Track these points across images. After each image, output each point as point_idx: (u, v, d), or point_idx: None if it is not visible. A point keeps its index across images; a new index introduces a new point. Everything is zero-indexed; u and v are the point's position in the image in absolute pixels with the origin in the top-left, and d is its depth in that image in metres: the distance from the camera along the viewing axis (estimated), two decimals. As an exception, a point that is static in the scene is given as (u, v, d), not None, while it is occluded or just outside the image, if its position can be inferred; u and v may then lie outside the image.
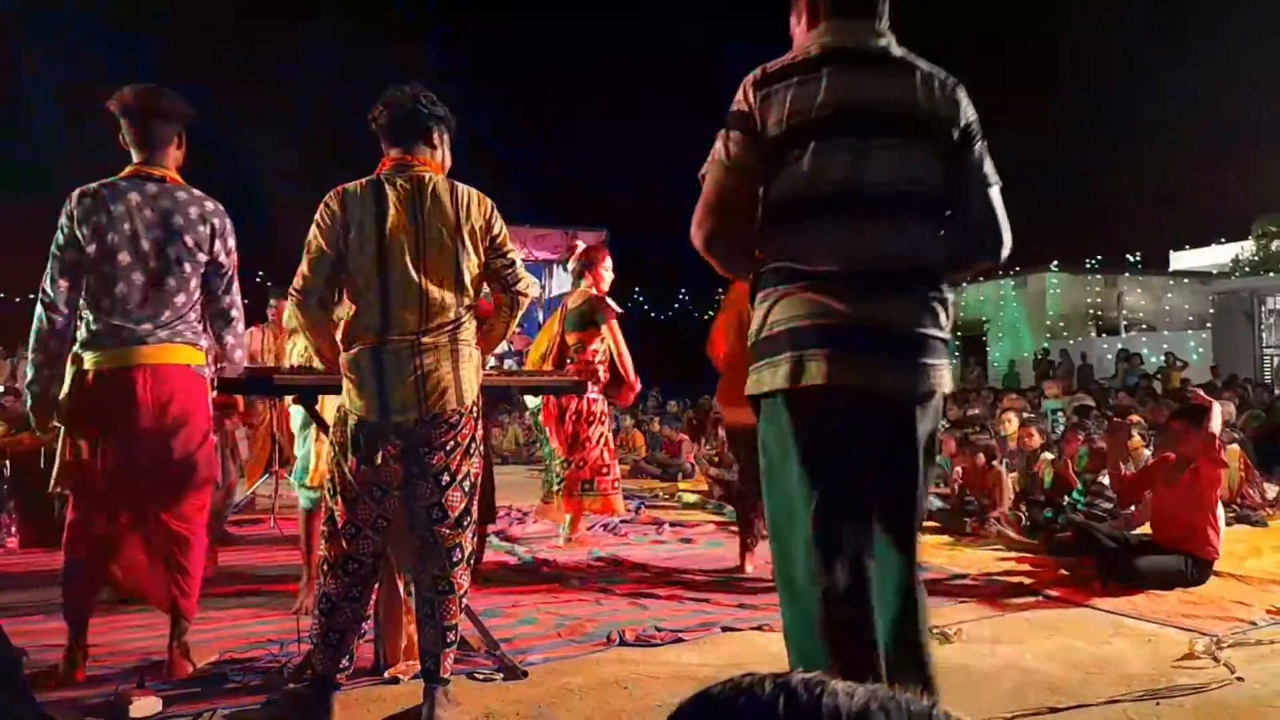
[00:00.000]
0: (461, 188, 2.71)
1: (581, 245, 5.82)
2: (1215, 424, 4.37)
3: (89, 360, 2.90)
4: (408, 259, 2.59)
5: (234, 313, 3.14)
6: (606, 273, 5.46)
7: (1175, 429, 4.61)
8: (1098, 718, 2.65)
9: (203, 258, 3.02)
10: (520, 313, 2.89)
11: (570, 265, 5.56)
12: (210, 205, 3.06)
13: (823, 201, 1.89)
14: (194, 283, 3.01)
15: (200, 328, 3.05)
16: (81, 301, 2.93)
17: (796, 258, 1.91)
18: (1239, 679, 2.92)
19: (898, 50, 2.00)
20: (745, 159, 1.93)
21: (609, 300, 5.33)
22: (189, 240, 2.97)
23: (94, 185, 2.94)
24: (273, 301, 6.78)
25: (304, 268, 2.65)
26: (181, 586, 3.02)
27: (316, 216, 2.64)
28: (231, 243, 3.11)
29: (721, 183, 1.95)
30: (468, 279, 2.67)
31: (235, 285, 3.14)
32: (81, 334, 2.94)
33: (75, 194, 2.92)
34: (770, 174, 1.94)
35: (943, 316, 1.96)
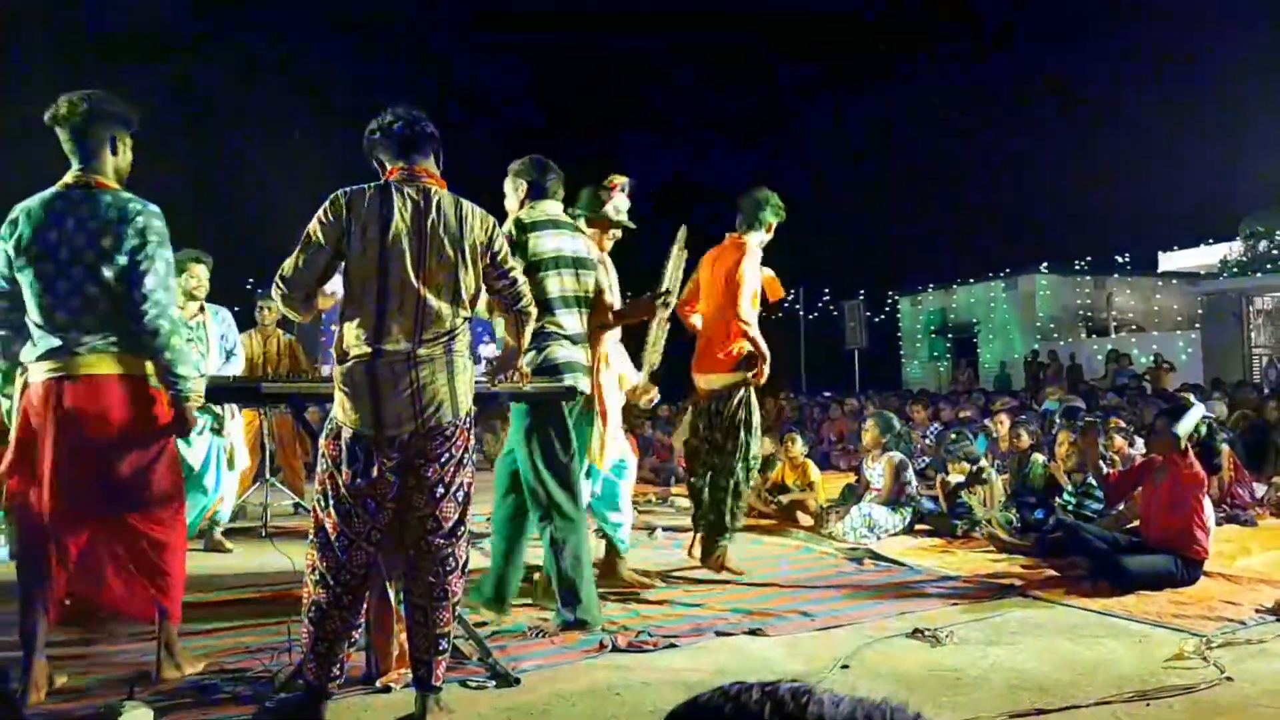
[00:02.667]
0: (466, 203, 2.74)
1: None
2: (1182, 426, 4.36)
3: (32, 372, 2.87)
4: (408, 266, 2.59)
5: (159, 320, 2.88)
6: None
7: (1155, 429, 4.63)
8: (1088, 719, 2.67)
9: (123, 260, 2.86)
10: (530, 326, 2.97)
11: None
12: (135, 205, 2.91)
13: (564, 300, 3.76)
14: (118, 289, 2.87)
15: (141, 336, 2.90)
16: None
17: (559, 323, 3.73)
18: (1228, 679, 2.93)
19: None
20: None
21: None
22: (107, 244, 2.85)
23: (27, 201, 2.90)
24: (260, 304, 6.76)
25: (295, 258, 2.63)
26: (163, 590, 2.97)
27: (320, 211, 2.62)
28: (154, 240, 2.89)
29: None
30: (464, 293, 2.70)
31: (164, 289, 2.92)
32: (26, 347, 2.90)
33: (12, 212, 2.89)
34: (538, 276, 3.66)
35: None
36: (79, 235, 2.85)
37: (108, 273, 2.86)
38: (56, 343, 2.84)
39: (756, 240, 4.74)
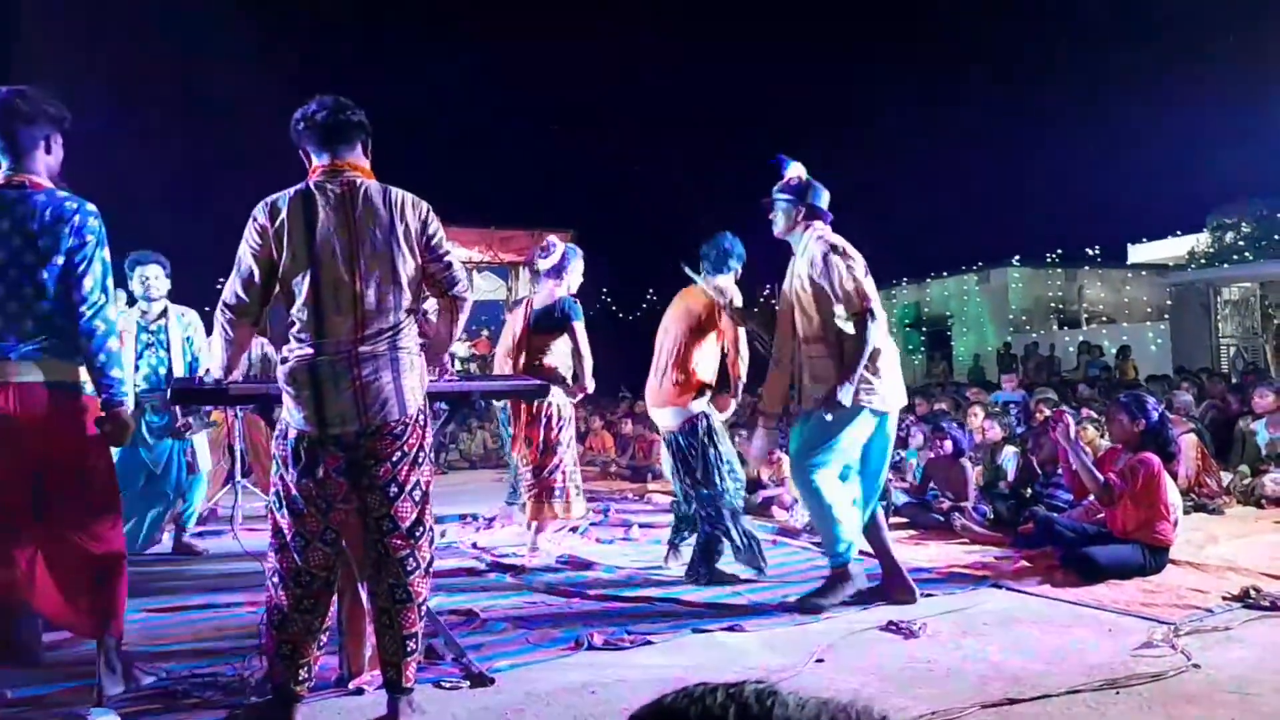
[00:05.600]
0: (395, 190, 2.68)
1: (557, 242, 5.48)
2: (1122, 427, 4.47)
3: None
4: (340, 264, 2.57)
5: (95, 320, 2.75)
6: (578, 276, 5.33)
7: (1110, 418, 4.69)
8: (1059, 708, 2.69)
9: (60, 260, 2.75)
10: (464, 316, 2.86)
11: (545, 263, 5.27)
12: (72, 205, 2.79)
13: None
14: (55, 290, 2.75)
15: (77, 341, 2.78)
16: None
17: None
18: (1195, 666, 2.97)
19: None
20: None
21: (577, 301, 5.20)
22: (44, 245, 2.73)
23: None
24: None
25: (235, 284, 2.63)
26: (107, 607, 2.84)
27: (245, 232, 2.62)
28: (91, 240, 2.77)
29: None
30: (405, 283, 2.64)
31: (102, 290, 2.79)
32: None
33: None
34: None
35: None
36: (15, 237, 2.73)
37: (45, 275, 2.74)
38: None
39: (726, 282, 4.67)
